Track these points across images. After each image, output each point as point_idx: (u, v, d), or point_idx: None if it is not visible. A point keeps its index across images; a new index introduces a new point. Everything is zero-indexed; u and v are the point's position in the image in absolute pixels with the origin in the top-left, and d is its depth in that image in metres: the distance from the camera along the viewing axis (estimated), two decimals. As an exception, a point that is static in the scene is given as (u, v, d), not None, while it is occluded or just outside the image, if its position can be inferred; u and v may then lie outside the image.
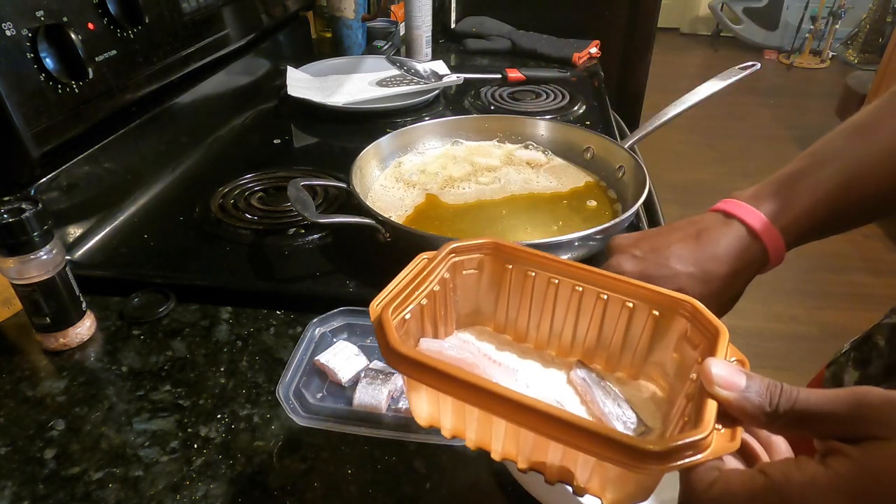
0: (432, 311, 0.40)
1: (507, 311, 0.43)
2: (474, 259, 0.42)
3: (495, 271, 0.42)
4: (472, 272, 0.42)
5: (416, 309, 0.37)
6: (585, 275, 0.39)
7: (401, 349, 0.32)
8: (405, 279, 0.37)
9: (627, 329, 0.39)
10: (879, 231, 2.52)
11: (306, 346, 0.51)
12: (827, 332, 1.97)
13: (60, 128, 0.63)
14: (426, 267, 0.38)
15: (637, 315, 0.38)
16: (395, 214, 0.70)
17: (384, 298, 0.35)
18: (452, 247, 0.40)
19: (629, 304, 0.38)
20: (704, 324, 0.34)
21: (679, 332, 0.36)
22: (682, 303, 0.36)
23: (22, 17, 0.58)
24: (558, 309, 0.41)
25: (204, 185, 0.80)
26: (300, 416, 0.46)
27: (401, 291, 0.36)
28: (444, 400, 0.33)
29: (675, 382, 0.37)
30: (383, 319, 0.33)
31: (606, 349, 0.40)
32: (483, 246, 0.41)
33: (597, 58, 1.37)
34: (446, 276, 0.40)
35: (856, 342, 0.60)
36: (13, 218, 0.48)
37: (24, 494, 0.42)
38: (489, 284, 0.42)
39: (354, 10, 1.28)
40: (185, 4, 0.84)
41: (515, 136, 0.85)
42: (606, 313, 0.39)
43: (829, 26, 4.24)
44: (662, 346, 0.38)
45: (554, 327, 0.42)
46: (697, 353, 0.34)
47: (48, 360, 0.54)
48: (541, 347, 0.43)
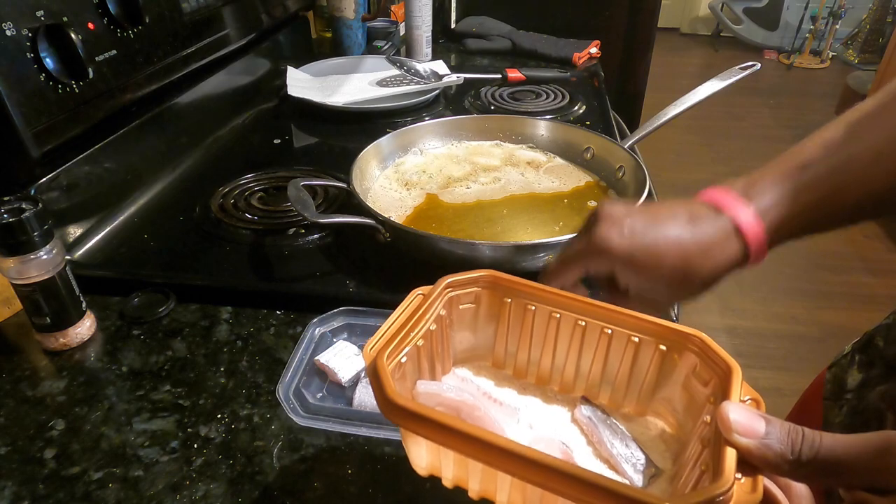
0: (429, 349, 0.38)
1: (506, 345, 0.42)
2: (471, 293, 0.40)
3: (493, 304, 0.41)
4: (468, 307, 0.40)
5: (412, 351, 0.36)
6: (589, 308, 0.38)
7: (398, 401, 0.30)
8: (400, 319, 0.35)
9: (633, 364, 0.38)
10: (879, 231, 2.52)
11: (306, 346, 0.51)
12: (827, 332, 1.97)
13: (60, 128, 0.63)
14: (421, 304, 0.37)
15: (643, 349, 0.37)
16: (395, 214, 0.70)
17: (378, 342, 0.34)
18: (448, 281, 0.39)
19: (635, 339, 0.37)
20: (715, 360, 0.33)
21: (688, 368, 0.36)
22: (691, 337, 0.35)
23: (22, 17, 0.58)
24: (560, 343, 0.40)
25: (204, 185, 0.80)
26: (300, 416, 0.46)
27: (396, 333, 0.34)
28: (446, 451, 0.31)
29: (685, 419, 0.36)
30: (378, 367, 0.32)
31: (611, 384, 0.39)
32: (480, 279, 0.40)
33: (597, 58, 1.37)
34: (442, 312, 0.39)
35: (858, 344, 0.60)
36: (13, 218, 0.48)
37: (24, 494, 0.42)
38: (487, 318, 0.41)
39: (354, 10, 1.28)
40: (185, 4, 0.84)
41: (515, 136, 0.85)
42: (611, 348, 0.38)
43: (829, 26, 4.24)
44: (670, 381, 0.37)
45: (556, 362, 0.41)
46: (709, 389, 0.33)
47: (48, 360, 0.54)
48: (542, 383, 0.42)
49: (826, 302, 2.11)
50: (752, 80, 1.03)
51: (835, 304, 2.10)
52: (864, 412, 0.52)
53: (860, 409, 0.53)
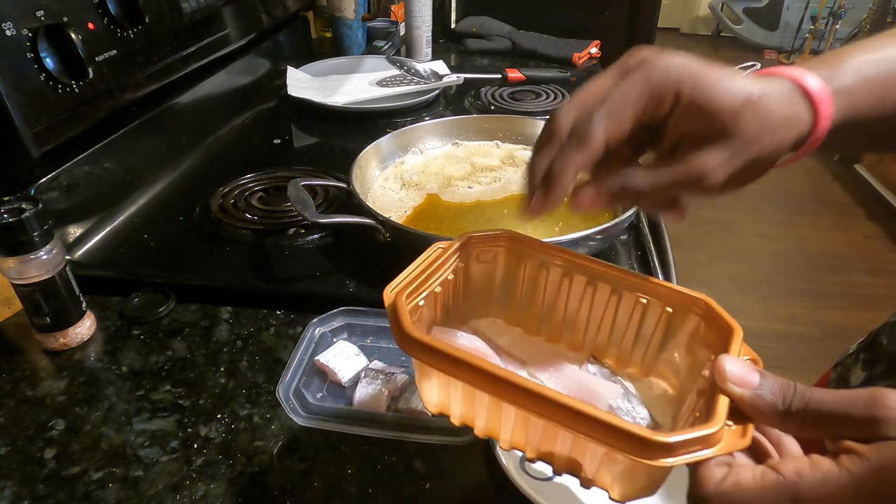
0: (445, 299, 0.39)
1: (519, 303, 0.43)
2: (490, 250, 0.41)
3: (510, 264, 0.42)
4: (486, 263, 0.42)
5: (429, 296, 0.37)
6: (600, 270, 0.39)
7: (414, 334, 0.31)
8: (419, 266, 0.37)
9: (640, 325, 0.39)
10: (879, 231, 2.52)
11: (306, 346, 0.51)
12: (827, 332, 1.97)
13: (60, 128, 0.63)
14: (441, 256, 0.38)
15: (650, 311, 0.38)
16: (395, 214, 0.70)
17: (398, 284, 0.35)
18: (469, 237, 0.40)
19: (643, 301, 0.38)
20: (718, 322, 0.34)
21: (692, 330, 0.36)
22: (696, 300, 0.36)
23: (22, 17, 0.58)
24: (571, 303, 0.41)
25: (204, 185, 0.80)
26: (300, 416, 0.46)
27: (415, 278, 0.36)
28: (455, 386, 0.33)
29: (687, 381, 0.37)
30: (397, 304, 0.33)
31: (618, 345, 0.40)
32: (499, 237, 0.41)
33: (597, 58, 1.37)
34: (461, 265, 0.40)
35: (863, 343, 0.60)
36: (13, 218, 0.48)
37: (24, 494, 0.42)
38: (503, 277, 0.42)
39: (354, 10, 1.28)
40: (185, 4, 0.84)
41: (515, 136, 0.85)
42: (619, 309, 0.39)
43: (829, 26, 4.24)
44: (675, 343, 0.38)
45: (566, 322, 0.41)
46: (710, 351, 0.34)
47: (48, 360, 0.54)
48: (553, 341, 0.43)
49: (826, 302, 2.11)
50: (752, 80, 1.02)
51: (835, 304, 2.10)
52: None
53: None
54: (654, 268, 0.64)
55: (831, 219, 2.61)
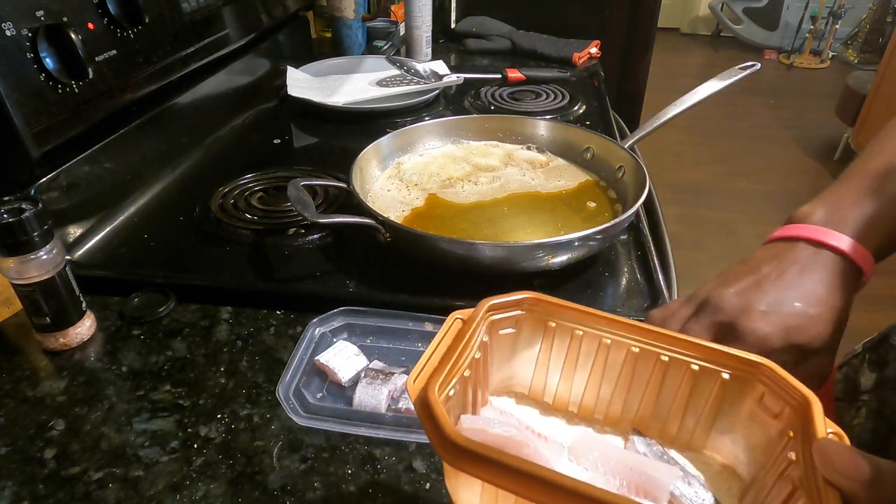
0: (473, 380, 0.36)
1: (546, 373, 0.39)
2: (512, 317, 0.37)
3: (535, 329, 0.38)
4: (509, 331, 0.38)
5: (459, 383, 0.33)
6: (642, 332, 0.36)
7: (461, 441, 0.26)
8: (442, 346, 0.33)
9: (691, 393, 0.35)
10: (879, 231, 2.52)
11: (306, 346, 0.51)
12: (827, 332, 1.96)
13: (60, 128, 0.63)
14: (464, 330, 0.34)
15: (703, 378, 0.35)
16: (395, 214, 0.70)
17: (423, 372, 0.31)
18: (490, 304, 0.36)
19: (694, 367, 0.35)
20: (787, 389, 0.31)
21: (754, 399, 0.33)
22: (759, 366, 0.33)
23: (22, 17, 0.58)
24: (609, 371, 0.37)
25: (204, 185, 0.80)
26: (300, 416, 0.46)
27: (441, 363, 0.31)
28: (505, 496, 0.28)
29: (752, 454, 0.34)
30: (431, 402, 0.28)
31: (665, 416, 0.37)
32: (523, 302, 0.37)
33: (597, 58, 1.37)
34: (485, 339, 0.36)
35: (870, 343, 0.59)
36: (13, 218, 0.48)
37: (24, 494, 0.42)
38: (527, 344, 0.38)
39: (354, 10, 1.28)
40: (185, 4, 0.84)
41: (515, 136, 0.85)
42: (667, 376, 0.36)
43: (829, 26, 4.24)
44: (733, 413, 0.35)
45: (602, 392, 0.38)
46: (781, 422, 0.31)
47: (48, 360, 0.54)
48: (586, 414, 0.39)
49: (826, 302, 2.11)
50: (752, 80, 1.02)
51: (835, 304, 2.10)
52: (891, 416, 0.51)
53: (885, 413, 0.52)
54: (654, 268, 0.64)
55: (831, 219, 2.61)
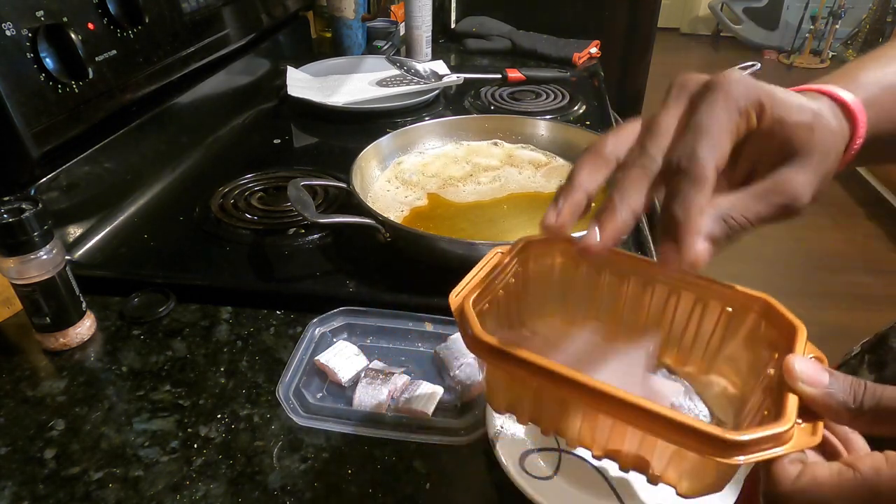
0: (506, 303, 0.40)
1: (576, 304, 0.43)
2: (546, 255, 0.42)
3: (567, 266, 0.42)
4: (544, 266, 0.42)
5: (492, 300, 0.38)
6: (657, 272, 0.39)
7: (484, 338, 0.32)
8: (481, 271, 0.38)
9: (699, 325, 0.39)
10: (880, 231, 2.52)
11: (306, 346, 0.51)
12: (827, 332, 1.96)
13: (60, 128, 0.63)
14: (500, 260, 0.39)
15: (709, 311, 0.38)
16: (395, 214, 0.70)
17: (463, 289, 0.36)
18: (526, 240, 0.41)
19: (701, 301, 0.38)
20: (780, 321, 0.34)
21: (751, 329, 0.37)
22: (756, 299, 0.36)
23: (22, 17, 0.58)
24: (628, 303, 0.41)
25: (204, 185, 0.80)
26: (300, 416, 0.46)
27: (479, 283, 0.37)
28: (523, 387, 0.34)
29: (748, 379, 0.37)
30: (465, 309, 0.34)
31: (677, 344, 0.41)
32: (556, 243, 0.42)
33: (597, 58, 1.37)
34: (519, 269, 0.41)
35: (868, 344, 0.59)
36: (13, 218, 0.48)
37: (24, 494, 0.42)
38: (560, 278, 0.43)
39: (354, 10, 1.28)
40: (185, 4, 0.84)
41: (515, 136, 0.85)
42: (678, 310, 0.40)
43: (829, 26, 4.24)
44: (735, 342, 0.38)
45: (624, 322, 0.42)
46: (773, 350, 0.34)
47: (48, 360, 0.54)
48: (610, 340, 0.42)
49: (826, 302, 2.11)
50: (752, 79, 1.02)
51: (835, 304, 2.10)
52: None
53: None
54: (654, 268, 0.64)
55: (831, 219, 2.61)
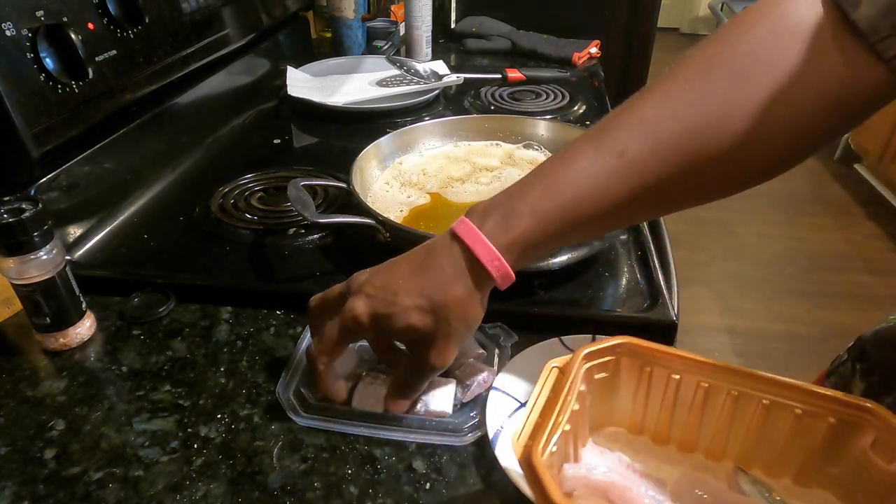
0: (573, 430, 0.37)
1: (644, 412, 0.40)
2: (607, 363, 0.38)
3: (631, 373, 0.39)
4: (604, 376, 0.39)
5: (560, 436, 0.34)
6: (741, 378, 0.36)
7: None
8: (541, 400, 0.34)
9: (796, 436, 0.35)
10: (879, 231, 2.52)
11: (306, 347, 0.51)
12: (827, 332, 1.96)
13: (60, 128, 0.63)
14: (561, 382, 0.35)
15: (808, 421, 0.35)
16: (395, 214, 0.70)
17: (526, 432, 0.31)
18: (585, 353, 0.37)
19: (798, 411, 0.35)
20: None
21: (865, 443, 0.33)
22: (868, 409, 0.33)
23: (22, 17, 0.58)
24: (708, 413, 0.37)
25: (204, 185, 0.80)
26: (300, 417, 0.46)
27: (542, 419, 0.33)
28: None
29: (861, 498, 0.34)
30: (535, 465, 0.29)
31: (767, 454, 0.37)
32: (617, 348, 0.38)
33: (597, 58, 1.37)
34: (582, 388, 0.37)
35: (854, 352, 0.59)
36: (13, 218, 0.48)
37: (24, 494, 0.42)
38: (624, 387, 0.40)
39: (354, 10, 1.28)
40: (185, 4, 0.84)
41: (515, 136, 0.85)
42: (769, 419, 0.36)
43: (829, 26, 4.23)
44: (843, 456, 0.34)
45: (702, 432, 0.38)
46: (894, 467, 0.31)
47: (48, 360, 0.54)
48: (686, 450, 0.39)
49: (826, 302, 2.11)
50: (752, 79, 1.02)
51: (835, 304, 2.10)
52: None
53: None
54: (653, 268, 0.64)
55: (831, 219, 2.61)
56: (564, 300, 0.60)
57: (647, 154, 0.37)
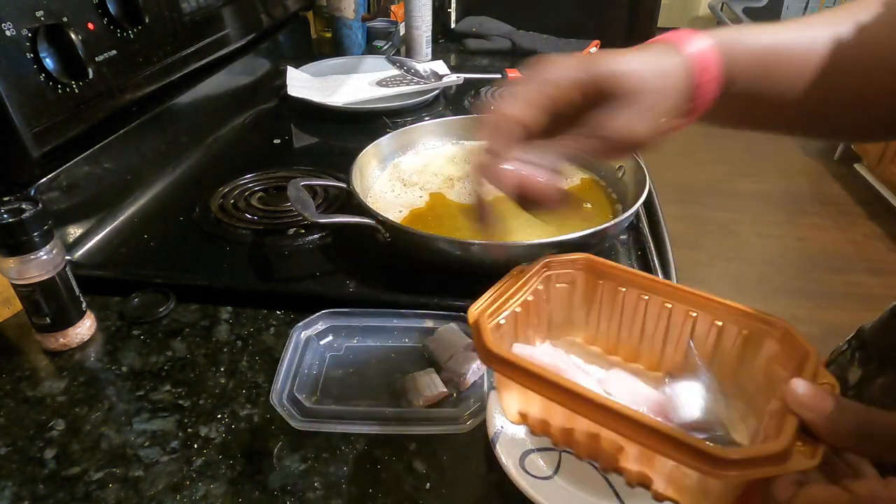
0: (525, 319, 0.41)
1: (597, 324, 0.45)
2: (567, 273, 0.43)
3: (588, 286, 0.44)
4: (564, 286, 0.44)
5: (510, 315, 0.39)
6: (675, 292, 0.41)
7: (495, 349, 0.34)
8: (500, 288, 0.39)
9: (716, 347, 0.40)
10: (879, 231, 2.52)
11: (293, 351, 0.51)
12: (827, 332, 1.96)
13: (60, 128, 0.63)
14: (521, 278, 0.41)
15: (726, 334, 0.39)
16: (395, 214, 0.70)
17: (481, 305, 0.38)
18: (546, 260, 0.42)
19: (718, 323, 0.39)
20: (794, 346, 0.35)
21: (770, 354, 0.37)
22: (774, 323, 0.37)
23: (22, 17, 0.58)
24: (647, 324, 0.42)
25: (204, 185, 0.80)
26: (297, 421, 0.46)
27: (496, 299, 0.38)
28: (532, 399, 0.35)
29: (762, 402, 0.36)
30: (480, 323, 0.36)
31: None
32: (576, 261, 0.43)
33: (597, 58, 1.37)
34: (540, 287, 0.42)
35: (856, 343, 0.60)
36: (13, 218, 0.48)
37: (24, 494, 0.42)
38: (581, 298, 0.44)
39: (354, 10, 1.28)
40: (185, 4, 0.84)
41: (515, 136, 0.85)
42: (695, 331, 0.40)
43: (829, 26, 4.24)
44: (752, 366, 0.38)
45: (643, 342, 0.43)
46: (787, 374, 0.34)
47: (48, 360, 0.54)
48: (629, 360, 0.44)
49: (826, 302, 2.11)
50: (752, 79, 1.02)
51: (835, 304, 2.10)
52: None
53: None
54: (654, 268, 0.64)
55: (831, 219, 2.61)
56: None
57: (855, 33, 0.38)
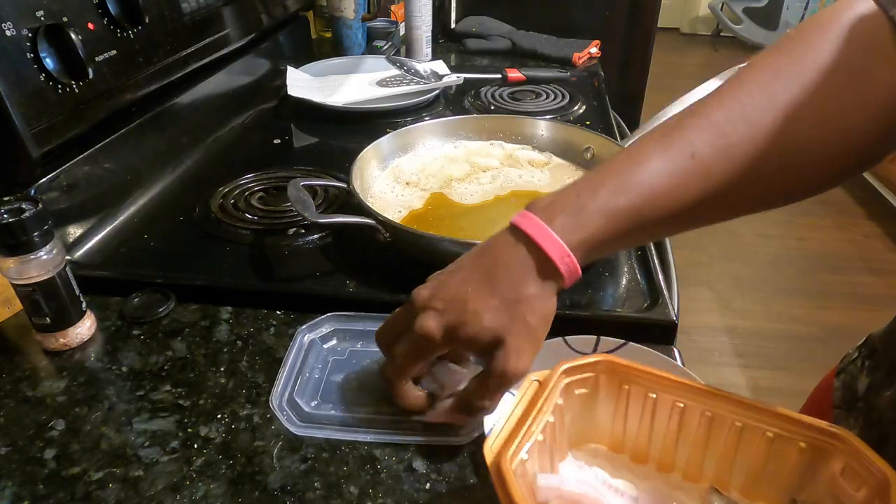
0: (549, 445, 0.37)
1: (624, 430, 0.40)
2: (587, 379, 0.39)
3: (610, 390, 0.40)
4: (584, 391, 0.39)
5: (532, 447, 0.35)
6: (715, 400, 0.36)
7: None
8: (517, 411, 0.35)
9: (768, 459, 0.36)
10: (879, 231, 2.52)
11: (296, 354, 0.51)
12: (827, 332, 1.96)
13: (60, 128, 0.63)
14: (538, 394, 0.36)
15: (779, 445, 0.35)
16: (395, 214, 0.70)
17: (498, 439, 0.33)
18: (564, 368, 0.38)
19: (769, 434, 0.35)
20: (866, 465, 0.32)
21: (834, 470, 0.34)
22: (837, 436, 0.33)
23: (22, 17, 0.58)
24: (684, 433, 0.38)
25: (204, 185, 0.80)
26: (296, 426, 0.46)
27: (516, 428, 0.34)
28: None
29: None
30: (503, 469, 0.31)
31: (743, 476, 0.37)
32: (597, 365, 0.39)
33: (597, 58, 1.37)
34: (559, 402, 0.38)
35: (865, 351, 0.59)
36: (13, 218, 0.48)
37: (24, 494, 0.42)
38: (604, 404, 0.40)
39: (354, 10, 1.28)
40: (185, 4, 0.84)
41: (515, 136, 0.85)
42: (742, 441, 0.36)
43: (829, 26, 4.23)
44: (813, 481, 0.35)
45: (679, 451, 0.39)
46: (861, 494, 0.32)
47: (48, 360, 0.54)
48: (664, 470, 0.40)
49: (826, 302, 2.11)
50: (753, 79, 1.01)
51: (835, 304, 2.10)
52: (879, 425, 0.51)
53: (873, 421, 0.52)
54: (654, 268, 0.64)
55: (831, 219, 2.61)
56: (564, 300, 0.60)
57: (717, 156, 0.38)
